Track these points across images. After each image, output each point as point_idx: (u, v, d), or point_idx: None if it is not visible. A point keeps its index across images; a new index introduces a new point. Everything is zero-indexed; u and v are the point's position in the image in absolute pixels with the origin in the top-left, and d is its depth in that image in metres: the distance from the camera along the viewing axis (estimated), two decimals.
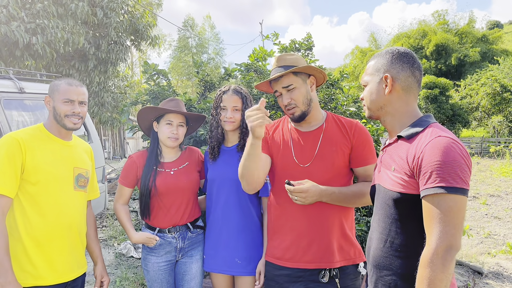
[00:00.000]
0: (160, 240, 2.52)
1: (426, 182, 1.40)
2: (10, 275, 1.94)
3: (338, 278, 2.07)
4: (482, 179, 13.03)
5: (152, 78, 4.54)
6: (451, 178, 1.35)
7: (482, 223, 7.83)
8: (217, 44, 37.72)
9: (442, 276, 1.33)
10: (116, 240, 6.46)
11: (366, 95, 1.72)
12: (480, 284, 4.74)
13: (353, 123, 2.20)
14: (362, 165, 2.15)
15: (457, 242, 1.34)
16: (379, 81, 1.67)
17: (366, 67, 1.77)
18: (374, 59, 1.73)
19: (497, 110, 26.51)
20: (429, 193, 1.38)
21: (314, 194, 2.00)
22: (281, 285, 2.16)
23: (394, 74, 1.64)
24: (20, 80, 5.21)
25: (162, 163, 2.57)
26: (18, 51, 8.57)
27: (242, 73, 4.65)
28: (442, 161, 1.37)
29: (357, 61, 40.61)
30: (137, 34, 12.55)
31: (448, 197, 1.35)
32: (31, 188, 2.07)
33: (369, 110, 1.73)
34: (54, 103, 2.20)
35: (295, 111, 2.13)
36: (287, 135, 2.24)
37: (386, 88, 1.65)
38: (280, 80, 2.12)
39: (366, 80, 1.73)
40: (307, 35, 5.18)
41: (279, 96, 2.18)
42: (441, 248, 1.33)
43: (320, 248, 2.08)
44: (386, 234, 1.61)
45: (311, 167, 2.12)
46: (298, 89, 2.11)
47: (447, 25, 38.76)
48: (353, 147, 2.14)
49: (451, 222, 1.34)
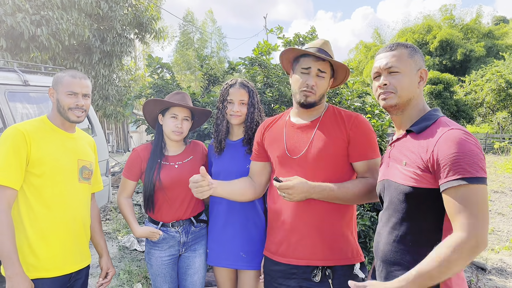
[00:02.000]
0: (163, 234, 2.52)
1: (446, 175, 1.40)
2: (17, 267, 1.95)
3: (332, 279, 1.99)
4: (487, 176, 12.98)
5: (156, 71, 4.53)
6: (471, 168, 1.37)
7: None
8: (220, 38, 37.68)
9: (460, 265, 1.36)
10: (120, 233, 6.49)
11: (401, 83, 1.63)
12: (484, 280, 4.73)
13: (353, 115, 2.11)
14: (360, 159, 2.04)
15: (485, 239, 1.36)
16: (415, 73, 1.65)
17: (390, 53, 1.67)
18: (399, 49, 1.66)
19: (502, 106, 26.38)
20: (451, 185, 1.39)
21: (301, 191, 1.91)
22: (276, 280, 2.14)
23: (425, 69, 1.68)
24: (24, 73, 5.21)
25: (166, 156, 2.57)
26: (24, 43, 8.59)
27: (246, 67, 4.63)
28: (460, 152, 1.39)
29: (361, 56, 40.42)
30: (141, 28, 12.55)
31: (470, 188, 1.37)
32: (36, 180, 2.07)
33: (399, 98, 1.64)
34: (57, 96, 2.19)
35: (311, 97, 2.06)
36: (282, 128, 2.21)
37: (420, 82, 1.66)
38: (319, 62, 2.05)
39: (399, 67, 1.64)
40: (311, 29, 5.16)
41: (305, 73, 2.07)
42: (471, 242, 1.34)
43: (310, 245, 2.02)
44: (397, 229, 1.60)
45: (303, 159, 2.05)
46: (325, 80, 2.08)
47: (453, 20, 38.47)
48: (350, 140, 2.04)
49: (478, 215, 1.36)
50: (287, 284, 2.10)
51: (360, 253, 2.09)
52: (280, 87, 4.44)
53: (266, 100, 4.35)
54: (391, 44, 1.71)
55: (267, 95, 4.38)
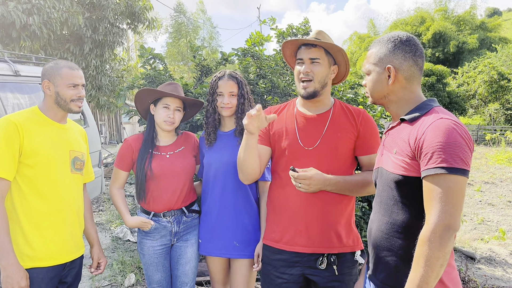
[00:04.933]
0: (155, 224, 2.53)
1: (427, 163, 1.43)
2: (12, 257, 1.97)
3: (336, 265, 2.08)
4: (477, 167, 13.11)
5: (149, 62, 4.51)
6: (452, 159, 1.38)
7: (476, 209, 7.90)
8: (211, 28, 37.46)
9: (439, 254, 1.35)
10: (113, 224, 6.49)
11: (369, 84, 1.73)
12: (473, 269, 4.81)
13: (361, 111, 2.21)
14: (367, 153, 2.15)
15: (455, 222, 1.37)
16: (382, 71, 1.67)
17: (367, 53, 1.76)
18: (376, 46, 1.72)
19: (494, 98, 26.53)
20: (430, 173, 1.41)
21: (318, 182, 2.00)
22: (278, 269, 2.18)
23: (397, 64, 1.64)
24: (15, 63, 5.17)
25: (158, 146, 2.58)
26: (15, 32, 8.49)
27: (239, 58, 4.63)
28: (443, 142, 1.40)
29: (354, 47, 40.40)
30: (134, 17, 12.44)
31: (448, 177, 1.38)
32: (29, 171, 2.08)
33: (372, 98, 1.75)
34: (57, 88, 2.19)
35: (309, 86, 2.10)
36: (291, 119, 2.23)
37: (389, 79, 1.66)
38: (311, 49, 2.09)
39: (368, 68, 1.73)
40: (304, 20, 5.14)
41: (299, 64, 2.14)
42: (440, 227, 1.36)
43: (317, 233, 2.09)
44: (387, 216, 1.64)
45: (316, 150, 2.12)
46: (322, 65, 2.10)
47: (445, 12, 38.45)
48: (359, 135, 2.14)
49: (450, 202, 1.37)
50: (289, 272, 2.15)
51: (360, 241, 2.19)
52: (273, 78, 4.44)
53: (259, 91, 4.35)
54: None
55: (260, 86, 4.38)
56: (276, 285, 2.18)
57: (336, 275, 2.08)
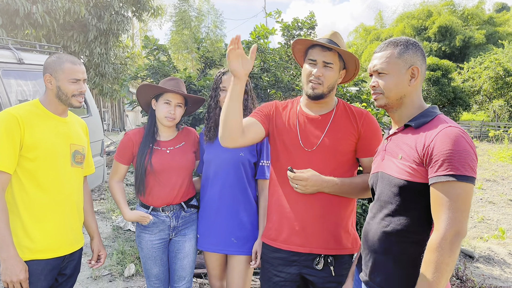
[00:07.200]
0: (153, 218, 2.54)
1: (437, 170, 1.45)
2: (12, 250, 1.99)
3: (333, 266, 2.08)
4: (479, 164, 13.07)
5: (152, 53, 4.50)
6: (462, 166, 1.41)
7: (477, 207, 7.90)
8: (216, 17, 37.23)
9: (449, 261, 1.40)
10: (114, 213, 6.53)
11: (387, 84, 1.68)
12: (471, 268, 4.82)
13: (363, 112, 2.17)
14: (369, 155, 2.11)
15: (464, 228, 1.41)
16: (404, 72, 1.66)
17: (381, 53, 1.70)
18: (394, 47, 1.68)
19: (498, 94, 26.41)
20: (440, 180, 1.43)
21: (315, 183, 2.00)
22: (275, 267, 2.18)
23: (419, 65, 1.67)
24: (19, 51, 5.17)
25: (158, 141, 2.58)
26: (19, 20, 8.49)
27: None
28: (454, 150, 1.43)
29: (360, 39, 40.12)
30: (139, 5, 12.39)
31: (458, 185, 1.41)
32: (30, 165, 2.08)
33: (387, 99, 1.69)
34: (58, 83, 2.18)
35: (318, 88, 2.06)
36: (294, 117, 2.21)
37: (412, 80, 1.66)
38: (326, 53, 2.05)
39: (385, 68, 1.68)
40: (310, 14, 5.12)
41: (311, 64, 2.08)
42: (450, 234, 1.39)
43: (314, 234, 2.08)
44: (388, 220, 1.64)
45: (316, 152, 2.10)
46: (334, 70, 2.07)
47: (453, 6, 38.08)
48: (360, 136, 2.11)
49: (459, 209, 1.41)
50: (287, 271, 2.15)
51: (359, 244, 2.17)
52: (276, 72, 4.43)
53: (262, 85, 4.34)
54: (383, 43, 1.74)
55: (263, 80, 4.37)
56: (273, 283, 2.19)
57: (333, 276, 2.08)
